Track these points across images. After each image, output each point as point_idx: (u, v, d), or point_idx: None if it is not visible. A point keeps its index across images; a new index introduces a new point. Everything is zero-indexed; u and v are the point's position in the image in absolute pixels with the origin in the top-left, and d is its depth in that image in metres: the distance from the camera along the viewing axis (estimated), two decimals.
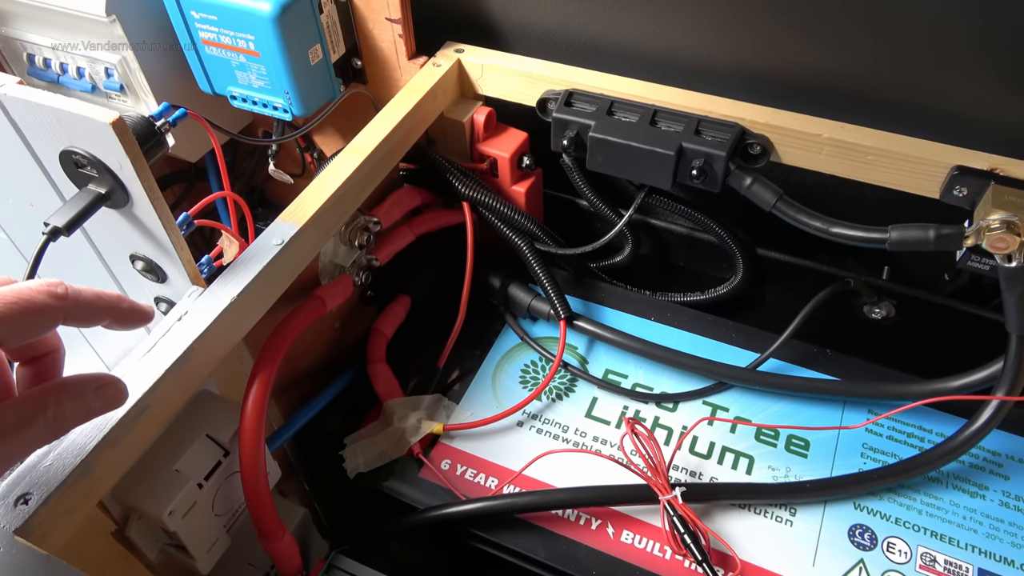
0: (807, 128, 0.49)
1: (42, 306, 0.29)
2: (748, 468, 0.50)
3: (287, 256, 0.44)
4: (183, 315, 0.40)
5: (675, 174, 0.51)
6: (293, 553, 0.44)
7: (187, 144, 0.63)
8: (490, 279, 0.59)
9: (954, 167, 0.47)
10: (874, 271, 0.62)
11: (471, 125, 0.58)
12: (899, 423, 0.52)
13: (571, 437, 0.52)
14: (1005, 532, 0.47)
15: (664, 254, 0.67)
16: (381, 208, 0.55)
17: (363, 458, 0.51)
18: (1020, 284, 0.44)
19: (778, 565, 0.45)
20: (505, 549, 0.47)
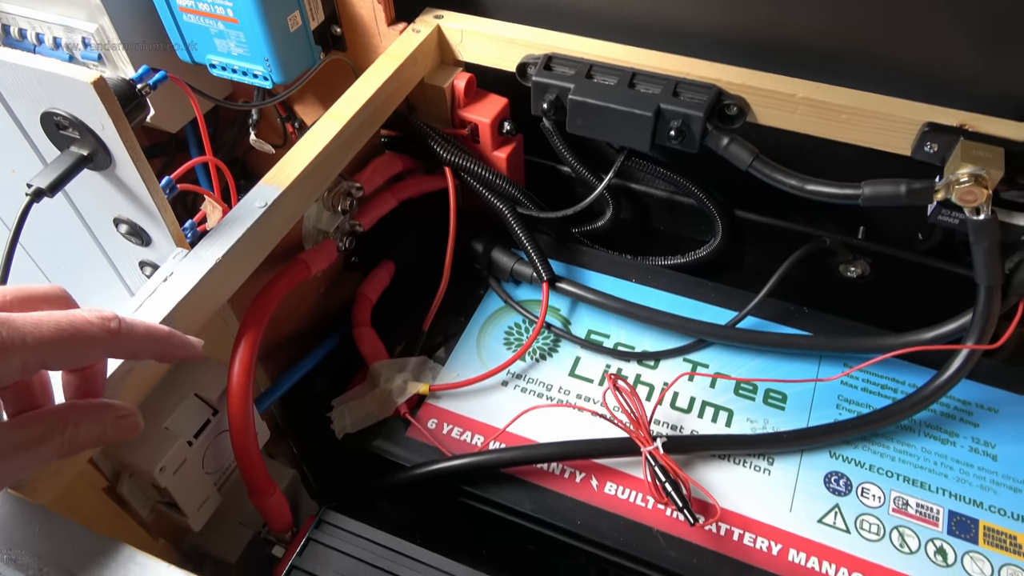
0: (782, 88, 0.50)
1: (92, 338, 0.29)
2: (727, 421, 0.51)
3: (271, 218, 0.45)
4: (168, 276, 0.41)
5: (653, 135, 0.52)
6: (283, 509, 0.45)
7: (167, 114, 0.63)
8: (473, 244, 0.60)
9: (925, 124, 0.48)
10: (850, 231, 0.63)
11: (451, 91, 0.59)
12: (873, 375, 0.53)
13: (555, 395, 0.53)
14: (974, 476, 0.48)
15: (645, 218, 0.67)
16: (363, 174, 0.56)
17: (351, 419, 0.52)
18: (988, 236, 0.45)
19: (756, 511, 0.47)
20: (492, 503, 0.48)
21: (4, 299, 0.29)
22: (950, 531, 0.46)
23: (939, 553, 0.45)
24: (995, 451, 0.49)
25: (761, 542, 0.46)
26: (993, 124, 0.47)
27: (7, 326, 0.26)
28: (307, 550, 0.44)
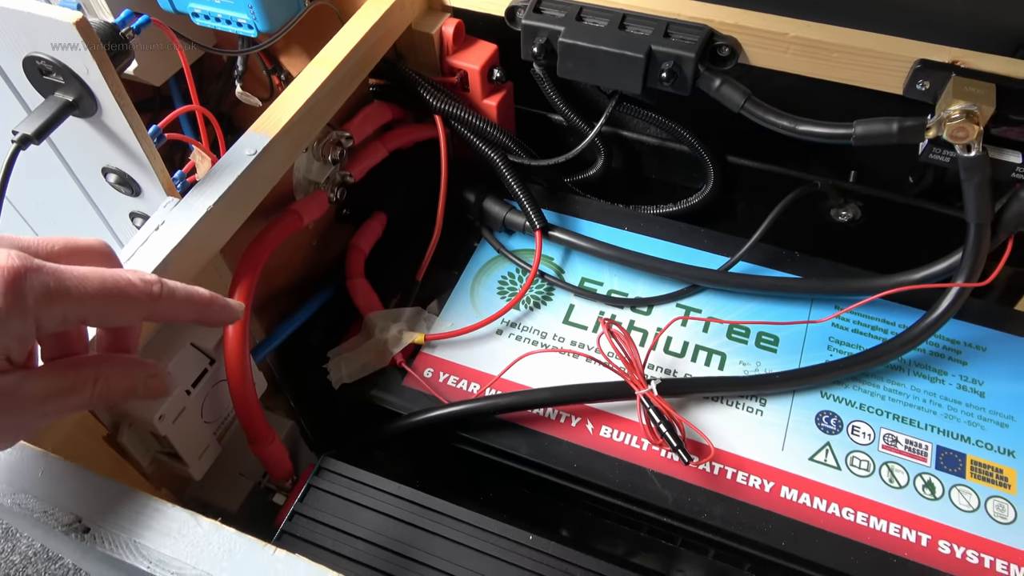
0: (773, 27, 0.50)
1: (134, 299, 0.29)
2: (720, 364, 0.52)
3: (261, 166, 0.44)
4: (160, 225, 0.41)
5: (645, 78, 0.51)
6: (283, 457, 0.45)
7: (151, 67, 0.61)
8: (465, 194, 0.60)
9: (917, 61, 0.47)
10: (841, 175, 0.63)
11: (440, 37, 0.58)
12: (864, 316, 0.54)
13: (549, 343, 0.54)
14: (962, 412, 0.49)
15: (636, 166, 0.67)
16: (352, 123, 0.55)
17: (347, 370, 0.52)
18: (978, 173, 0.45)
19: (749, 451, 0.48)
20: (489, 448, 0.49)
21: (53, 249, 0.29)
22: (938, 466, 0.47)
23: (927, 487, 0.46)
24: (983, 388, 0.50)
25: (754, 480, 0.47)
26: (985, 60, 0.46)
27: (55, 277, 0.26)
28: (308, 496, 0.45)
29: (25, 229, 0.52)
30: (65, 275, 0.27)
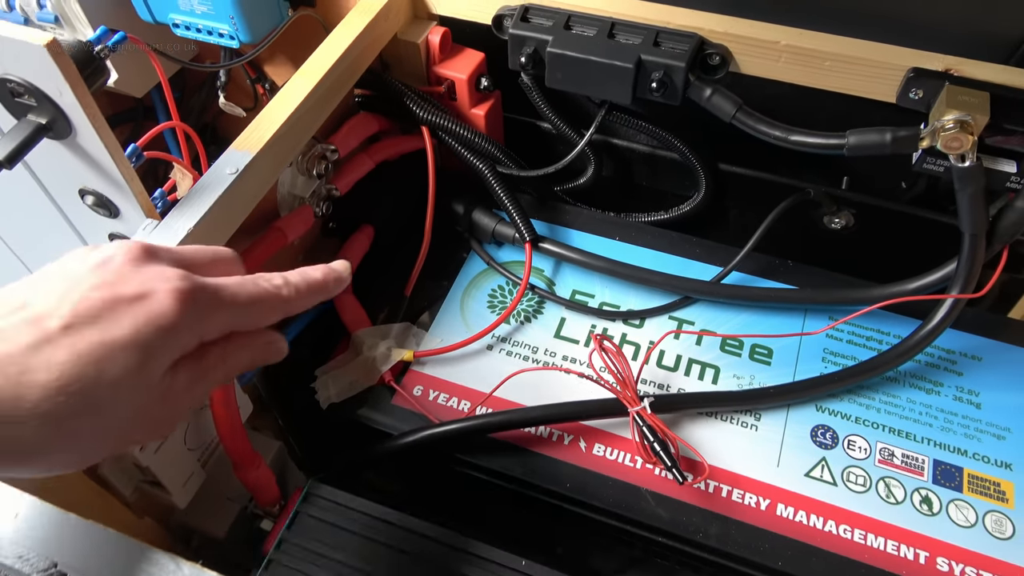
0: (765, 35, 0.49)
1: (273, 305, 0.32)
2: (714, 378, 0.51)
3: (243, 185, 0.43)
4: None
5: (635, 88, 0.50)
6: (270, 482, 0.44)
7: (131, 78, 0.60)
8: (453, 205, 0.59)
9: (910, 69, 0.47)
10: (834, 182, 0.62)
11: (426, 46, 0.57)
12: (858, 327, 0.53)
13: (541, 358, 0.53)
14: (958, 424, 0.49)
15: (627, 174, 0.66)
16: (338, 136, 0.54)
17: (335, 389, 0.51)
18: (972, 183, 0.45)
19: (744, 467, 0.47)
20: (481, 469, 0.48)
21: (204, 260, 0.32)
22: (935, 480, 0.46)
23: (924, 502, 0.45)
24: (979, 399, 0.50)
25: (749, 498, 0.46)
26: (979, 68, 0.46)
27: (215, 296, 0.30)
28: (296, 523, 0.44)
29: (4, 251, 0.51)
30: (222, 293, 0.30)
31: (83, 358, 0.26)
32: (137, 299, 0.28)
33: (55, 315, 0.26)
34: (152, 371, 0.28)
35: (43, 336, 0.26)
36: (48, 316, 0.26)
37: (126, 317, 0.27)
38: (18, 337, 0.26)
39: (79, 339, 0.26)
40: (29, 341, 0.26)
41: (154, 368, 0.28)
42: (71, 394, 0.26)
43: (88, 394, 0.26)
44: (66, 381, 0.25)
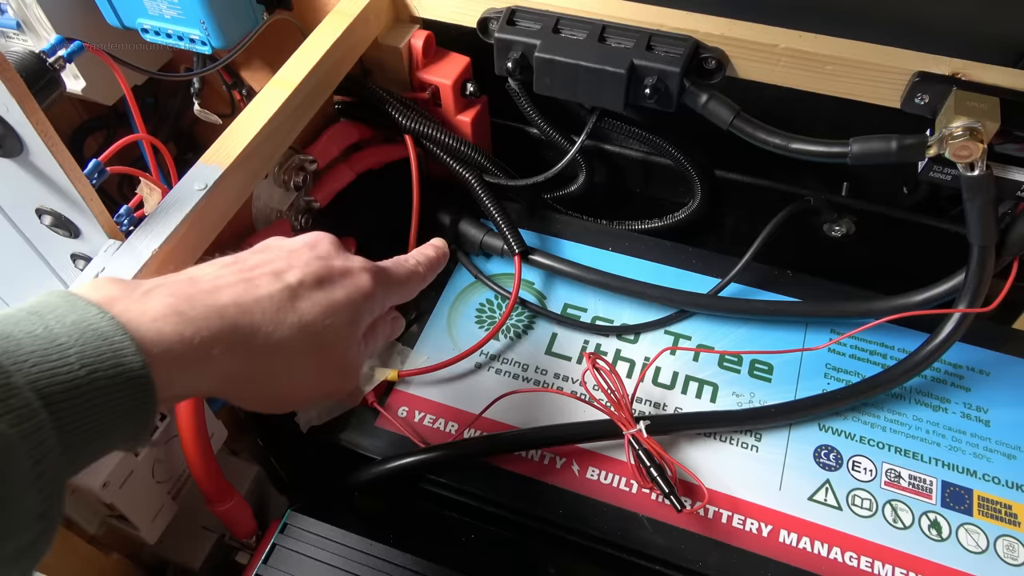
0: (763, 38, 0.47)
1: (417, 282, 0.41)
2: (712, 396, 0.49)
3: (212, 202, 0.41)
4: (99, 272, 0.37)
5: (627, 94, 0.48)
6: (245, 515, 0.42)
7: (100, 85, 0.58)
8: (439, 216, 0.56)
9: (915, 73, 0.45)
10: (833, 188, 0.60)
11: (408, 51, 0.54)
12: (861, 341, 0.51)
13: (531, 376, 0.50)
14: (967, 444, 0.47)
15: (620, 181, 0.64)
16: (316, 145, 0.52)
17: (316, 411, 0.49)
18: (982, 193, 0.43)
19: (745, 491, 0.45)
20: (469, 494, 0.46)
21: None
22: (944, 503, 0.44)
23: (933, 527, 0.43)
24: (987, 416, 0.48)
25: (751, 524, 0.44)
26: (987, 72, 0.44)
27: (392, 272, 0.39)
28: (273, 556, 0.42)
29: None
30: (391, 273, 0.39)
31: (316, 307, 0.33)
32: (343, 273, 0.36)
33: (291, 274, 0.34)
34: (357, 329, 0.36)
35: (285, 287, 0.33)
36: (285, 273, 0.34)
37: (339, 286, 0.35)
38: (269, 285, 0.33)
39: (313, 294, 0.34)
40: (276, 289, 0.33)
41: (359, 327, 0.36)
42: (307, 333, 0.33)
43: (318, 335, 0.33)
44: (307, 320, 0.33)
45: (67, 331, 0.27)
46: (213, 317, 0.30)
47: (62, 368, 0.26)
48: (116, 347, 0.27)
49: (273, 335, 0.32)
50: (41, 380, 0.25)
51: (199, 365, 0.30)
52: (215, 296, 0.31)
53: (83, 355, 0.26)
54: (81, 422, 0.26)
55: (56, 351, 0.26)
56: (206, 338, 0.30)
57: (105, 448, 0.28)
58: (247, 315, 0.31)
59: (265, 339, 0.32)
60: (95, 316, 0.27)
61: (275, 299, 0.32)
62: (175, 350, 0.29)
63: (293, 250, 0.36)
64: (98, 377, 0.26)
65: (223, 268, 0.33)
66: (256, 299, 0.32)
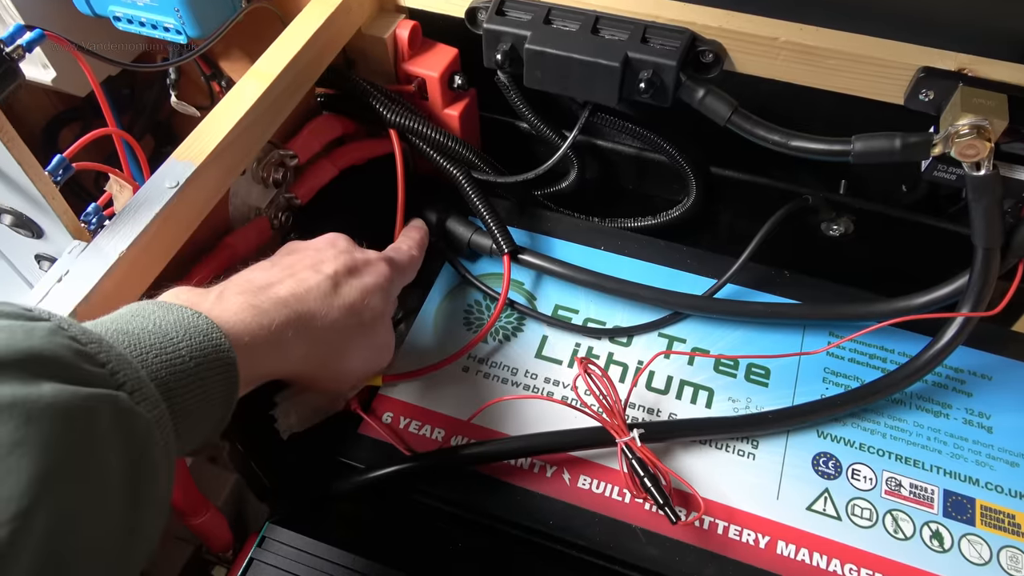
0: (763, 31, 0.45)
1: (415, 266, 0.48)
2: (708, 401, 0.47)
3: (185, 200, 0.39)
4: (63, 275, 0.35)
5: (621, 88, 0.46)
6: (220, 528, 0.40)
7: (71, 76, 0.55)
8: (425, 214, 0.54)
9: (920, 69, 0.43)
10: (831, 185, 0.59)
11: (394, 42, 0.52)
12: (861, 344, 0.50)
13: (521, 380, 0.49)
14: (969, 451, 0.45)
15: (612, 177, 0.62)
16: (297, 140, 0.49)
17: (296, 416, 0.47)
18: (988, 194, 0.41)
19: (742, 501, 0.43)
20: (456, 504, 0.44)
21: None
22: (946, 513, 0.43)
23: (935, 537, 0.42)
24: (990, 422, 0.47)
25: (747, 535, 0.42)
26: (995, 67, 0.42)
27: (397, 259, 0.45)
28: (251, 571, 0.40)
29: None
30: (397, 259, 0.45)
31: (355, 291, 0.39)
32: (365, 263, 0.42)
33: (326, 266, 0.39)
34: (389, 310, 0.42)
35: (325, 277, 0.39)
36: (321, 266, 0.39)
37: (366, 273, 0.41)
38: (313, 277, 0.38)
39: (350, 280, 0.40)
40: (319, 279, 0.38)
41: (390, 308, 0.42)
42: (353, 312, 0.39)
43: (362, 313, 0.39)
44: (350, 302, 0.39)
45: (174, 328, 0.30)
46: (280, 307, 0.35)
47: (177, 360, 0.29)
48: (215, 341, 0.31)
49: (328, 317, 0.37)
50: (161, 371, 0.28)
51: (278, 349, 0.35)
52: (275, 290, 0.36)
53: (192, 348, 0.30)
54: (190, 409, 0.29)
55: (171, 345, 0.29)
56: (280, 324, 0.35)
57: (203, 433, 0.31)
58: (303, 303, 0.37)
59: (323, 321, 0.37)
60: (191, 316, 0.31)
61: (321, 288, 0.38)
62: (259, 337, 0.34)
63: (318, 249, 0.41)
64: (203, 368, 0.30)
65: (268, 271, 0.39)
66: (307, 289, 0.37)
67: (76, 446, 0.23)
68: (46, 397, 0.22)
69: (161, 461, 0.26)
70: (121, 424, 0.25)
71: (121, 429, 0.25)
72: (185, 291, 0.35)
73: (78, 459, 0.23)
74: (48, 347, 0.24)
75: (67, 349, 0.25)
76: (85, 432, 0.23)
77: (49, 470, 0.22)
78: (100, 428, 0.24)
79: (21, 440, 0.21)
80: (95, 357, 0.26)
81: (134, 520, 0.25)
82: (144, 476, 0.25)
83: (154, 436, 0.26)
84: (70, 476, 0.22)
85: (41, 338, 0.24)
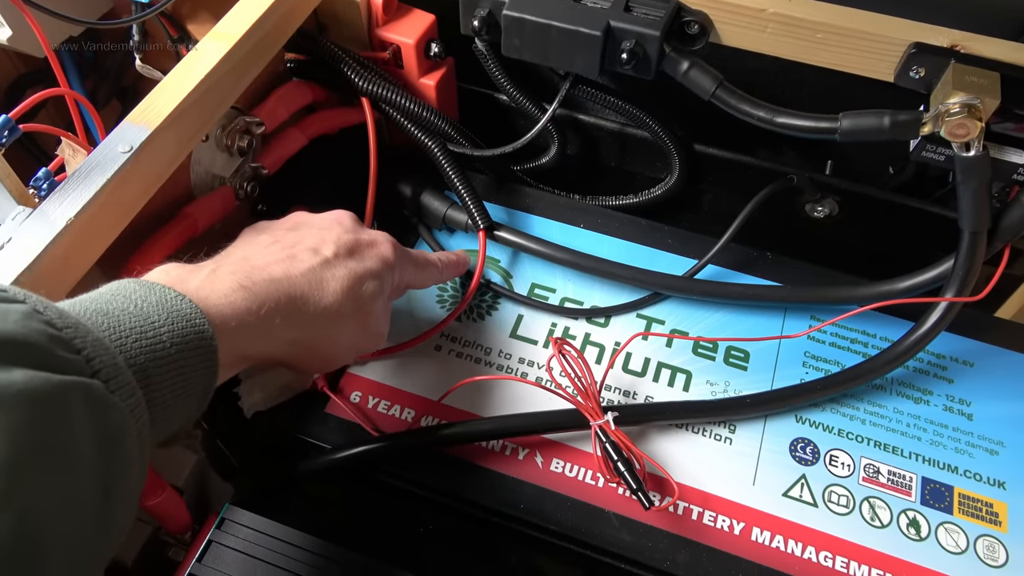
0: (751, 2, 0.43)
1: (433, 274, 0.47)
2: (685, 384, 0.46)
3: (139, 166, 0.37)
4: (6, 243, 0.33)
5: (603, 59, 0.44)
6: (177, 509, 0.39)
7: (27, 35, 0.52)
8: (399, 187, 0.53)
9: (911, 44, 0.41)
10: (817, 165, 0.57)
11: (367, 6, 0.50)
12: (842, 328, 0.49)
13: (495, 360, 0.47)
14: (948, 438, 0.45)
15: (594, 153, 0.61)
16: (264, 107, 0.47)
17: (262, 394, 0.45)
18: (977, 176, 0.40)
19: (717, 486, 0.42)
20: (425, 486, 0.43)
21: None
22: (923, 501, 0.42)
23: (912, 526, 0.41)
24: (970, 409, 0.46)
25: (722, 520, 0.41)
26: (988, 45, 0.41)
27: (408, 251, 0.44)
28: (208, 554, 0.38)
29: None
30: (407, 252, 0.44)
31: (352, 275, 0.38)
32: (369, 244, 0.41)
33: (326, 249, 0.38)
34: (384, 293, 0.40)
35: (324, 260, 0.38)
36: (321, 248, 0.38)
37: (368, 256, 0.40)
38: (309, 260, 0.37)
39: (347, 263, 0.38)
40: (317, 262, 0.37)
41: (385, 292, 0.40)
42: (348, 297, 0.38)
43: (357, 298, 0.38)
44: (346, 286, 0.38)
45: (156, 311, 0.29)
46: (271, 290, 0.34)
47: (158, 346, 0.28)
48: (197, 327, 0.30)
49: (321, 302, 0.36)
50: (140, 356, 0.27)
51: (267, 333, 0.34)
52: (268, 271, 0.35)
53: (173, 334, 0.29)
54: (166, 397, 0.28)
55: (151, 329, 0.28)
56: (271, 308, 0.34)
57: (179, 421, 0.30)
58: (296, 287, 0.36)
59: (315, 306, 0.36)
60: (175, 298, 0.30)
61: (316, 271, 0.37)
62: (247, 321, 0.33)
63: (323, 227, 0.40)
64: (184, 355, 0.29)
65: (267, 247, 0.38)
66: (301, 272, 0.36)
67: (47, 434, 0.22)
68: (16, 383, 0.22)
69: (134, 451, 0.26)
70: (94, 413, 0.24)
71: (94, 418, 0.24)
72: (175, 267, 0.33)
73: (48, 447, 0.22)
74: (21, 332, 0.23)
75: (41, 334, 0.24)
76: (56, 420, 0.22)
77: (19, 458, 0.21)
78: (72, 416, 0.23)
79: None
80: (70, 343, 0.25)
81: (106, 510, 0.24)
82: (117, 466, 0.25)
83: (128, 425, 0.25)
84: (40, 465, 0.22)
85: (15, 322, 0.23)
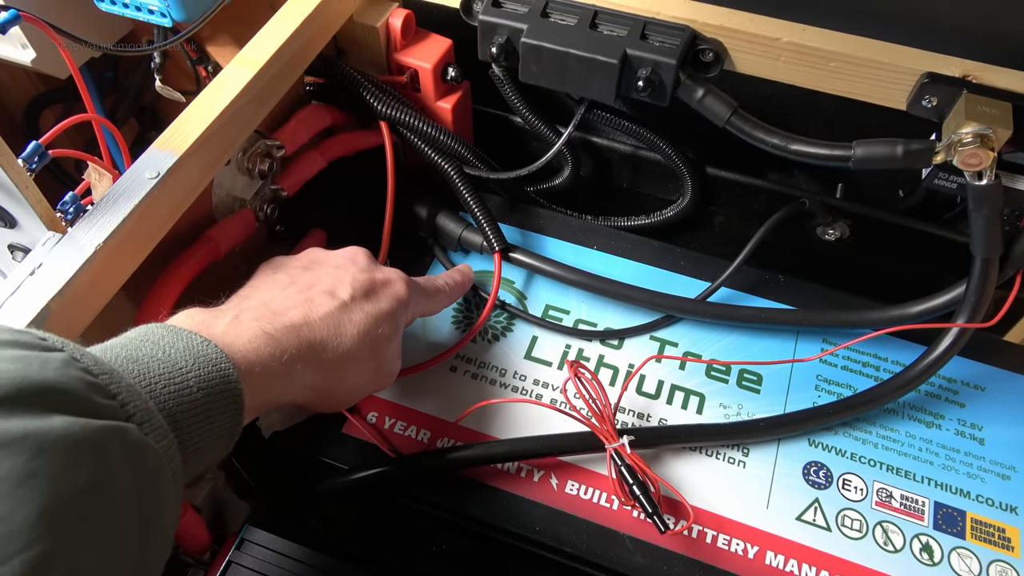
0: (765, 31, 0.44)
1: (442, 300, 0.47)
2: (699, 407, 0.47)
3: (166, 191, 0.37)
4: (36, 268, 0.33)
5: (619, 86, 0.45)
6: (197, 529, 0.39)
7: (51, 57, 0.53)
8: (415, 208, 0.53)
9: (924, 74, 0.42)
10: (827, 189, 0.58)
11: (386, 31, 0.51)
12: (854, 352, 0.49)
13: (510, 381, 0.48)
14: (960, 463, 0.45)
15: (607, 175, 0.61)
16: (284, 130, 0.48)
17: (279, 415, 0.46)
18: (989, 204, 0.41)
19: (731, 510, 0.43)
20: (441, 507, 0.43)
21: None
22: (936, 525, 0.42)
23: (925, 550, 0.42)
24: (982, 434, 0.46)
25: (736, 544, 0.42)
26: (1000, 75, 0.41)
27: (420, 285, 0.44)
28: (228, 574, 0.39)
29: None
30: (420, 285, 0.44)
31: (368, 319, 0.39)
32: (384, 284, 0.41)
33: (342, 291, 0.39)
34: (399, 333, 0.41)
35: (341, 304, 0.38)
36: (337, 291, 0.39)
37: (383, 296, 0.40)
38: (327, 304, 0.38)
39: (364, 307, 0.39)
40: (335, 306, 0.38)
41: (400, 332, 0.41)
42: (364, 342, 0.38)
43: (373, 342, 0.39)
44: (363, 330, 0.38)
45: (183, 356, 0.30)
46: (292, 336, 0.35)
47: (185, 392, 0.29)
48: (223, 372, 0.30)
49: (339, 347, 0.37)
50: (169, 402, 0.28)
51: (287, 379, 0.35)
52: (288, 317, 0.36)
53: (200, 379, 0.29)
54: (196, 440, 0.29)
55: (179, 375, 0.29)
56: (292, 355, 0.35)
57: (207, 463, 0.31)
58: (316, 333, 0.36)
59: (333, 352, 0.37)
60: (200, 343, 0.31)
61: (334, 315, 0.37)
62: (271, 367, 0.33)
63: (339, 266, 0.41)
64: (211, 400, 0.30)
65: (285, 290, 0.38)
66: (320, 317, 0.37)
67: (87, 479, 0.23)
68: (56, 430, 0.22)
69: (169, 491, 0.26)
70: (131, 456, 0.25)
71: (131, 461, 0.25)
72: (198, 312, 0.34)
73: (89, 492, 0.23)
74: (61, 379, 0.24)
75: (80, 382, 0.25)
76: (96, 465, 0.23)
77: (60, 503, 0.22)
78: (110, 460, 0.24)
79: (32, 472, 0.21)
80: (106, 389, 0.26)
81: (144, 551, 0.25)
82: (154, 507, 0.25)
83: (163, 467, 0.26)
84: (81, 508, 0.22)
85: (55, 370, 0.24)
